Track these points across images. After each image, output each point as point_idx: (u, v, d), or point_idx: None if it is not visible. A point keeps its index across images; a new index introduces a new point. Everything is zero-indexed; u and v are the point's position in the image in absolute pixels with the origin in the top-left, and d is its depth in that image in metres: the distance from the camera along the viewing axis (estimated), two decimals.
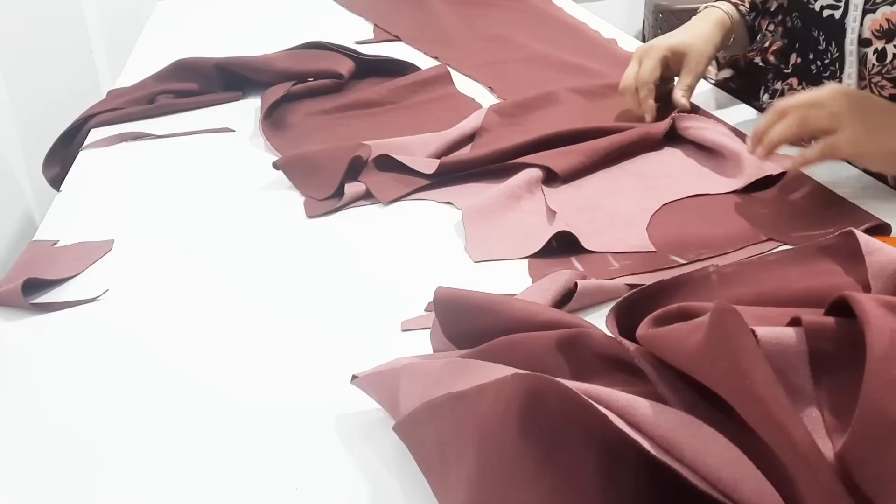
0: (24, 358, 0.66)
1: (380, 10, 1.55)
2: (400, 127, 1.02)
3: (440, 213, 0.83)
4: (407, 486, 0.51)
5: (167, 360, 0.65)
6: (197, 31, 1.49)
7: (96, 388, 0.62)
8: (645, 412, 0.42)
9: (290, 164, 0.92)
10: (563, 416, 0.42)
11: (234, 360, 0.64)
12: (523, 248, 0.75)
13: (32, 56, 1.51)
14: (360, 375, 0.57)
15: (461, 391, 0.47)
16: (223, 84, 1.19)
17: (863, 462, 0.39)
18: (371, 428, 0.55)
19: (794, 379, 0.44)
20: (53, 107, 1.47)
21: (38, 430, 0.58)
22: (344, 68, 1.17)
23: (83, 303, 0.72)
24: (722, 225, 0.76)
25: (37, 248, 0.82)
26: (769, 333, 0.44)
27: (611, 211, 0.80)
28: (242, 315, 0.69)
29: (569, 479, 0.41)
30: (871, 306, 0.42)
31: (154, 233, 0.84)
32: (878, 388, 0.39)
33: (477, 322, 0.55)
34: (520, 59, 1.24)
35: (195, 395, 0.60)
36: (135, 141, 1.06)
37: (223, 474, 0.53)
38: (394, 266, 0.75)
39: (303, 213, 0.85)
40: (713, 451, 0.40)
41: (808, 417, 0.43)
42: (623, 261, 0.72)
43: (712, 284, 0.55)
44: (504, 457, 0.42)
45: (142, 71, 1.25)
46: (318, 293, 0.72)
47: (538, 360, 0.50)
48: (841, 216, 0.74)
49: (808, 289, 0.52)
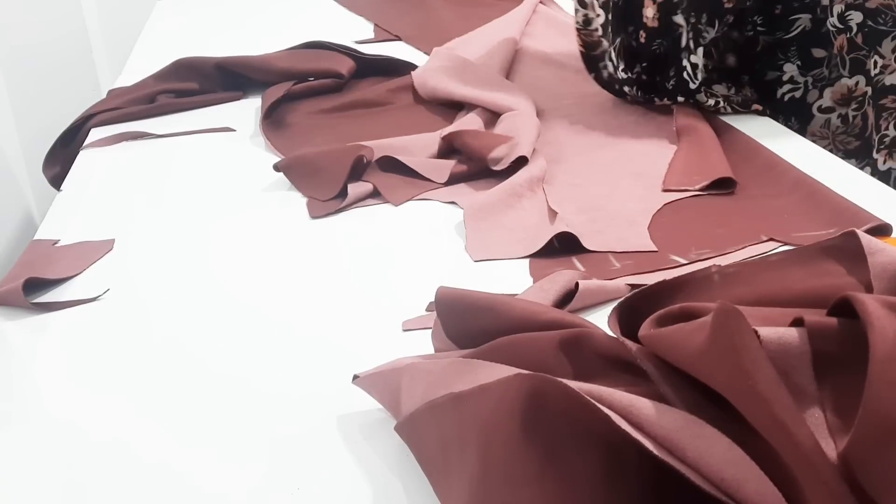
0: (25, 358, 0.66)
1: (380, 9, 1.55)
2: (400, 127, 1.02)
3: (441, 212, 0.83)
4: (409, 486, 0.51)
5: (168, 359, 0.65)
6: (197, 31, 1.49)
7: (97, 388, 0.62)
8: (647, 412, 0.42)
9: (291, 165, 0.92)
10: (566, 416, 0.42)
11: (235, 360, 0.64)
12: (524, 248, 0.75)
13: (32, 56, 1.51)
14: (362, 375, 0.57)
15: (463, 391, 0.47)
16: (223, 84, 1.19)
17: (866, 463, 0.39)
18: (373, 428, 0.55)
19: (796, 379, 0.44)
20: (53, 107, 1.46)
21: (39, 430, 0.58)
22: (344, 68, 1.17)
23: (84, 302, 0.72)
24: (723, 225, 0.76)
25: (37, 248, 0.82)
26: (772, 334, 0.44)
27: (612, 211, 0.80)
28: (242, 314, 0.69)
29: (571, 479, 0.41)
30: (873, 307, 0.42)
31: (155, 232, 0.84)
32: (881, 388, 0.39)
33: (478, 322, 0.55)
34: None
35: (195, 395, 0.60)
36: (135, 140, 1.06)
37: (224, 474, 0.53)
38: (394, 266, 0.75)
39: (303, 213, 0.85)
40: (716, 451, 0.40)
41: (811, 418, 0.43)
42: (624, 261, 0.72)
43: (714, 284, 0.55)
44: (506, 457, 0.42)
45: (142, 71, 1.25)
46: (318, 293, 0.72)
47: (540, 360, 0.50)
48: (842, 216, 0.73)
49: (811, 289, 0.52)
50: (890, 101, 0.94)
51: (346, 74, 1.16)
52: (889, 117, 0.95)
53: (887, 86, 0.94)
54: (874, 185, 0.81)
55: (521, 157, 0.87)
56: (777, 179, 0.82)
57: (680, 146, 0.91)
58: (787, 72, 0.95)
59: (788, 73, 0.95)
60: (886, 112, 0.95)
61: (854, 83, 0.94)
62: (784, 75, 0.95)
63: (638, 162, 0.90)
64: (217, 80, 1.19)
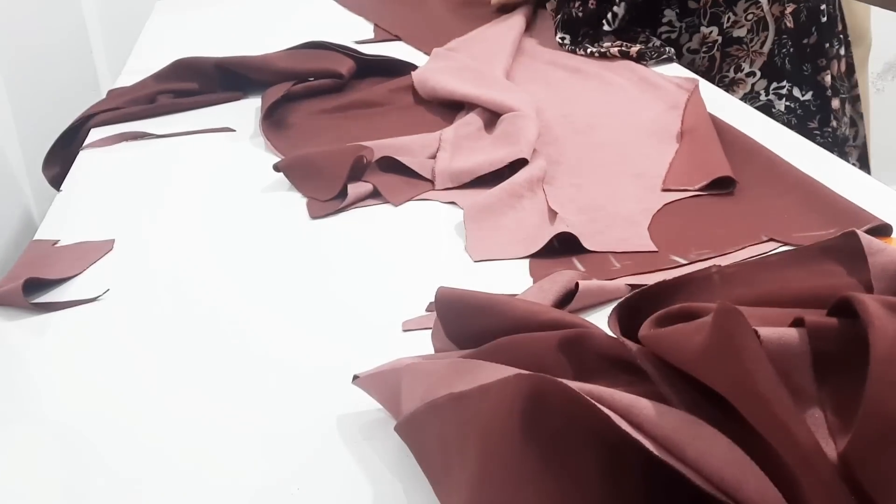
0: (24, 358, 0.66)
1: (380, 9, 1.55)
2: (400, 127, 1.02)
3: (441, 212, 0.83)
4: (409, 487, 0.51)
5: (168, 359, 0.65)
6: (197, 31, 1.49)
7: (97, 388, 0.62)
8: (647, 412, 0.42)
9: (291, 166, 0.92)
10: (566, 416, 0.42)
11: (234, 360, 0.64)
12: (524, 248, 0.75)
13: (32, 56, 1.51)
14: (362, 375, 0.57)
15: (463, 391, 0.47)
16: (223, 84, 1.19)
17: (866, 463, 0.39)
18: (372, 428, 0.55)
19: (796, 379, 0.44)
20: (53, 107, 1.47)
21: (39, 430, 0.58)
22: (344, 68, 1.17)
23: (84, 302, 0.72)
24: (723, 225, 0.76)
25: (37, 248, 0.82)
26: (772, 334, 0.44)
27: (612, 211, 0.80)
28: (242, 315, 0.69)
29: (571, 479, 0.41)
30: (874, 307, 0.42)
31: (155, 232, 0.84)
32: (881, 388, 0.39)
33: (479, 322, 0.55)
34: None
35: (196, 395, 0.60)
36: (135, 140, 1.06)
37: (224, 475, 0.53)
38: (394, 266, 0.75)
39: (303, 213, 0.85)
40: (716, 451, 0.40)
41: (811, 418, 0.43)
42: (624, 261, 0.72)
43: (714, 285, 0.55)
44: (506, 457, 0.42)
45: (142, 71, 1.25)
46: (318, 293, 0.72)
47: (540, 361, 0.50)
48: (842, 216, 0.73)
49: (811, 289, 0.52)
50: (734, 49, 1.19)
51: (346, 75, 1.16)
52: (731, 63, 1.19)
53: (734, 37, 1.18)
54: (874, 185, 0.81)
55: (521, 157, 0.88)
56: (777, 179, 0.82)
57: (680, 146, 0.91)
58: (667, 16, 1.19)
59: (668, 17, 1.19)
60: (730, 58, 1.19)
61: (709, 31, 1.18)
62: (664, 19, 1.19)
63: (638, 162, 0.90)
64: (217, 80, 1.19)
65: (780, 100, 1.19)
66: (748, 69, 1.18)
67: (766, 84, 1.19)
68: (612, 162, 0.90)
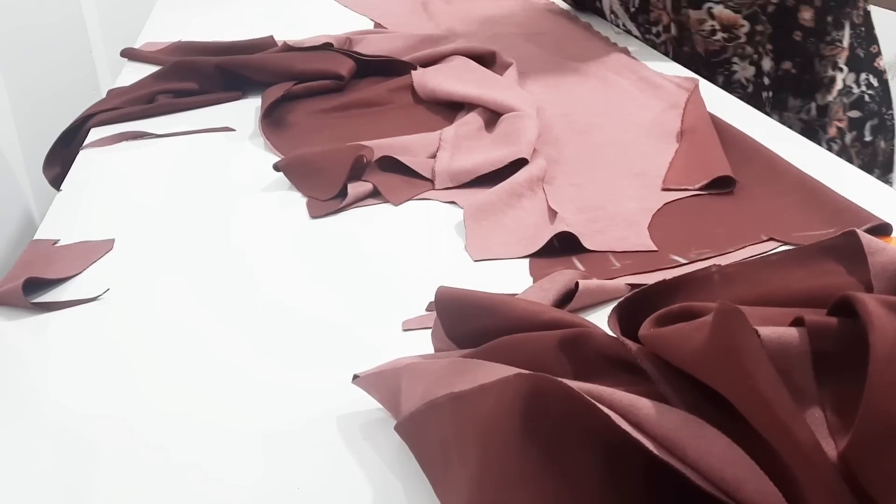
0: (24, 358, 0.66)
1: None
2: (400, 127, 1.02)
3: (441, 212, 0.83)
4: (408, 486, 0.51)
5: (168, 359, 0.65)
6: (197, 31, 1.49)
7: (97, 388, 0.62)
8: (647, 412, 0.42)
9: (291, 165, 0.92)
10: (566, 415, 0.42)
11: (235, 360, 0.64)
12: (524, 248, 0.75)
13: (32, 55, 1.51)
14: (362, 375, 0.57)
15: (463, 391, 0.47)
16: (223, 84, 1.19)
17: (866, 462, 0.39)
18: (372, 427, 0.55)
19: (797, 379, 0.44)
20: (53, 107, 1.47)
21: (38, 431, 0.58)
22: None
23: (84, 302, 0.72)
24: (723, 224, 0.76)
25: (37, 248, 0.82)
26: (772, 333, 0.44)
27: (612, 210, 0.80)
28: (242, 314, 0.69)
29: (571, 478, 0.41)
30: (874, 307, 0.42)
31: (155, 232, 0.84)
32: (881, 388, 0.39)
33: (479, 322, 0.55)
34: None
35: (196, 395, 0.60)
36: (135, 140, 1.06)
37: (224, 474, 0.53)
38: (394, 266, 0.75)
39: (303, 213, 0.85)
40: (716, 451, 0.40)
41: (811, 418, 0.43)
42: (624, 260, 0.72)
43: (714, 284, 0.55)
44: (506, 457, 0.42)
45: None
46: (318, 293, 0.72)
47: (540, 360, 0.50)
48: (842, 216, 0.73)
49: (811, 289, 0.52)
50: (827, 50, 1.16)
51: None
52: (827, 63, 1.17)
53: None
54: (874, 185, 0.81)
55: (521, 157, 0.88)
56: (777, 179, 0.82)
57: (680, 146, 0.91)
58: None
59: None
60: (825, 60, 1.16)
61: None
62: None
63: (638, 162, 0.90)
64: (217, 80, 1.19)
65: (868, 89, 1.18)
66: (841, 64, 1.17)
67: (854, 77, 1.18)
68: (612, 161, 0.91)
